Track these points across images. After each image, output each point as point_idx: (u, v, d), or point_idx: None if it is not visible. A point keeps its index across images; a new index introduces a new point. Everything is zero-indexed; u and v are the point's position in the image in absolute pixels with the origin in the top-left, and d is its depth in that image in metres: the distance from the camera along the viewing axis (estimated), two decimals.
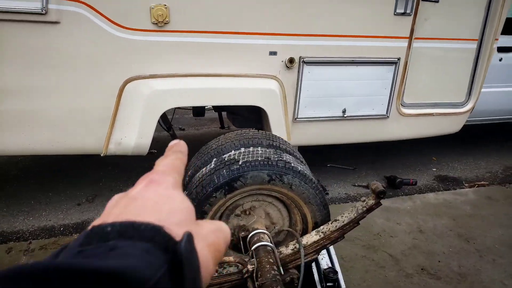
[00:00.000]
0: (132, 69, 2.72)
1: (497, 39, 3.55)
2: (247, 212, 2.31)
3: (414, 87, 3.52)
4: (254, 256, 1.91)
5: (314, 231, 2.13)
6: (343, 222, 2.01)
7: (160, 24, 2.66)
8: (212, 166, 2.24)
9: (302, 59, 3.05)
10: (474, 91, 3.69)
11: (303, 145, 3.50)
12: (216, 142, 2.52)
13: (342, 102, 3.30)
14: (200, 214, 2.14)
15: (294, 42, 3.00)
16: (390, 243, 2.92)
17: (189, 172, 2.33)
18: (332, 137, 3.47)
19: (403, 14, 3.16)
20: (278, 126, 3.15)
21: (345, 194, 3.71)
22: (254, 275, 1.84)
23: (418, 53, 3.40)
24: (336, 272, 2.20)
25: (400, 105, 3.50)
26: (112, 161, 4.11)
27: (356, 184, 3.88)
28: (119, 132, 2.82)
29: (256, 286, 1.74)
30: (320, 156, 4.42)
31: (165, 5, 2.63)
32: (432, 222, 3.23)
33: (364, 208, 1.99)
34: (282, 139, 2.64)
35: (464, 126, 3.97)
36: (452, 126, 3.81)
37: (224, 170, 2.13)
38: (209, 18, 2.75)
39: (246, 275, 1.84)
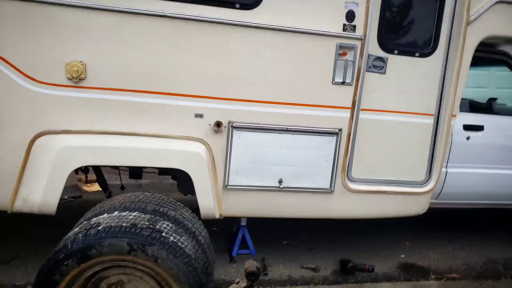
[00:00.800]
0: (44, 123, 2.65)
1: (454, 116, 3.30)
2: (116, 287, 2.03)
3: (363, 160, 3.25)
4: None
5: None
6: None
7: (75, 80, 2.62)
8: (75, 230, 2.02)
9: (231, 124, 2.91)
10: (434, 169, 3.37)
11: (238, 216, 3.23)
12: (103, 203, 2.32)
13: (278, 171, 3.07)
14: (50, 285, 1.88)
15: (221, 106, 2.88)
16: None
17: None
18: (269, 210, 3.18)
19: (343, 83, 3.02)
20: (205, 193, 2.93)
21: (288, 276, 3.32)
22: None
23: (365, 125, 3.18)
24: None
25: (347, 179, 3.22)
26: (52, 221, 3.93)
27: (304, 266, 3.49)
28: (26, 188, 2.68)
29: None
30: (279, 231, 4.09)
31: (81, 61, 2.61)
32: None
33: None
34: (179, 205, 2.42)
35: (433, 209, 3.60)
36: (413, 206, 3.44)
37: (80, 235, 1.90)
38: (128, 76, 2.70)
39: None
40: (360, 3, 2.96)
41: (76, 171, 3.02)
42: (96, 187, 5.04)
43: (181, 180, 3.42)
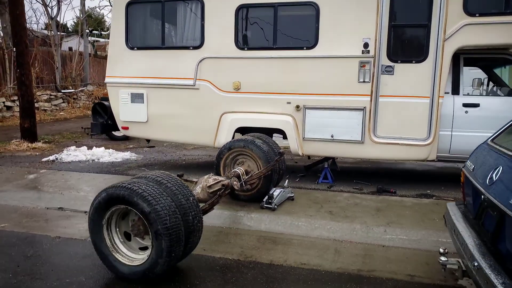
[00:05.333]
0: (225, 108, 6.20)
1: (442, 96, 5.37)
2: (240, 163, 5.32)
3: (384, 125, 5.67)
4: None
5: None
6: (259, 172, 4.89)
7: (236, 89, 6.09)
8: (226, 143, 5.44)
9: (305, 106, 5.87)
10: (432, 131, 5.48)
11: (311, 155, 6.14)
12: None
13: (331, 130, 5.84)
14: (221, 156, 5.33)
15: (299, 97, 5.89)
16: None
17: None
18: (327, 151, 5.99)
19: (364, 82, 5.59)
20: (292, 142, 5.99)
21: (341, 190, 5.97)
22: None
23: (383, 105, 5.63)
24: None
25: (373, 135, 5.70)
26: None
27: (353, 188, 6.04)
28: (219, 136, 6.28)
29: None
30: (352, 178, 6.69)
31: (239, 81, 6.06)
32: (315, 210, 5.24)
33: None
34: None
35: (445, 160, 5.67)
36: (419, 154, 5.62)
37: (227, 144, 5.30)
38: (257, 86, 6.02)
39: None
40: (371, 37, 5.50)
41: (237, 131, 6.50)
42: None
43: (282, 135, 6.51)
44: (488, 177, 2.89)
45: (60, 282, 3.48)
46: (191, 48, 6.26)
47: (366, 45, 5.55)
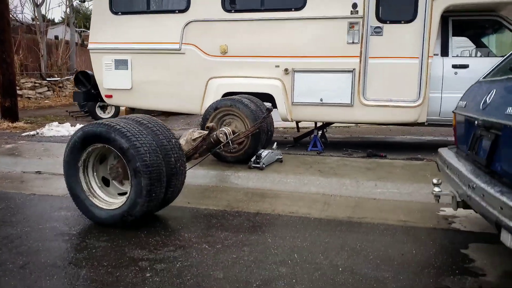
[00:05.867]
0: (211, 73, 6.02)
1: (431, 56, 5.27)
2: (227, 123, 5.14)
3: (373, 87, 5.55)
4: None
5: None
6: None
7: (223, 53, 5.92)
8: (218, 102, 5.26)
9: (293, 69, 5.72)
10: (422, 92, 5.37)
11: (300, 120, 5.99)
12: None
13: (320, 94, 5.70)
14: (211, 112, 5.14)
15: (288, 60, 5.74)
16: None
17: None
18: (317, 116, 5.88)
19: (353, 43, 5.46)
20: (281, 106, 5.84)
21: (330, 155, 5.83)
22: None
23: (372, 66, 5.50)
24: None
25: (363, 97, 5.57)
26: None
27: (343, 153, 5.91)
28: (206, 102, 6.08)
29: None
30: (343, 146, 6.56)
31: (226, 44, 5.89)
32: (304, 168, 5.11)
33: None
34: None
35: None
36: (409, 116, 5.51)
37: (214, 103, 5.12)
38: (245, 49, 5.85)
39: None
40: None
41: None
42: None
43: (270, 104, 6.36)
44: (482, 103, 2.79)
45: (32, 228, 3.27)
46: (176, 11, 6.06)
47: (354, 6, 5.42)
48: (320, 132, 6.47)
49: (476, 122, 2.76)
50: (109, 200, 3.38)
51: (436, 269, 2.59)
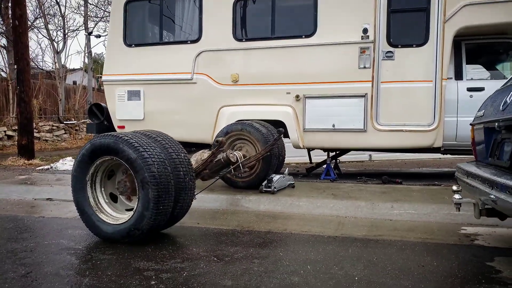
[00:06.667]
0: (223, 102, 6.05)
1: (445, 79, 5.22)
2: (238, 148, 5.09)
3: (387, 112, 5.48)
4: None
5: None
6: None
7: (234, 82, 5.98)
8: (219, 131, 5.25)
9: (304, 95, 5.73)
10: (436, 115, 5.28)
11: (313, 147, 5.90)
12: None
13: (332, 120, 5.65)
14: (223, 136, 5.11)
15: (299, 87, 5.75)
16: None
17: None
18: (329, 143, 5.76)
19: (364, 68, 5.47)
20: (293, 133, 5.78)
21: (344, 182, 5.67)
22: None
23: (385, 91, 5.47)
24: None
25: (376, 123, 5.50)
26: None
27: (358, 180, 5.75)
28: (216, 131, 6.09)
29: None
30: (359, 176, 6.41)
31: (237, 73, 5.96)
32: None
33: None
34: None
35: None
36: (424, 140, 5.37)
37: (224, 129, 5.11)
38: (255, 77, 5.90)
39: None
40: (370, 23, 5.45)
41: None
42: None
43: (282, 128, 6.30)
44: (502, 104, 2.71)
45: (38, 244, 3.17)
46: (188, 42, 6.22)
47: (365, 31, 5.49)
48: (333, 162, 6.37)
49: (496, 125, 2.66)
50: (116, 215, 3.29)
51: (460, 279, 2.40)
